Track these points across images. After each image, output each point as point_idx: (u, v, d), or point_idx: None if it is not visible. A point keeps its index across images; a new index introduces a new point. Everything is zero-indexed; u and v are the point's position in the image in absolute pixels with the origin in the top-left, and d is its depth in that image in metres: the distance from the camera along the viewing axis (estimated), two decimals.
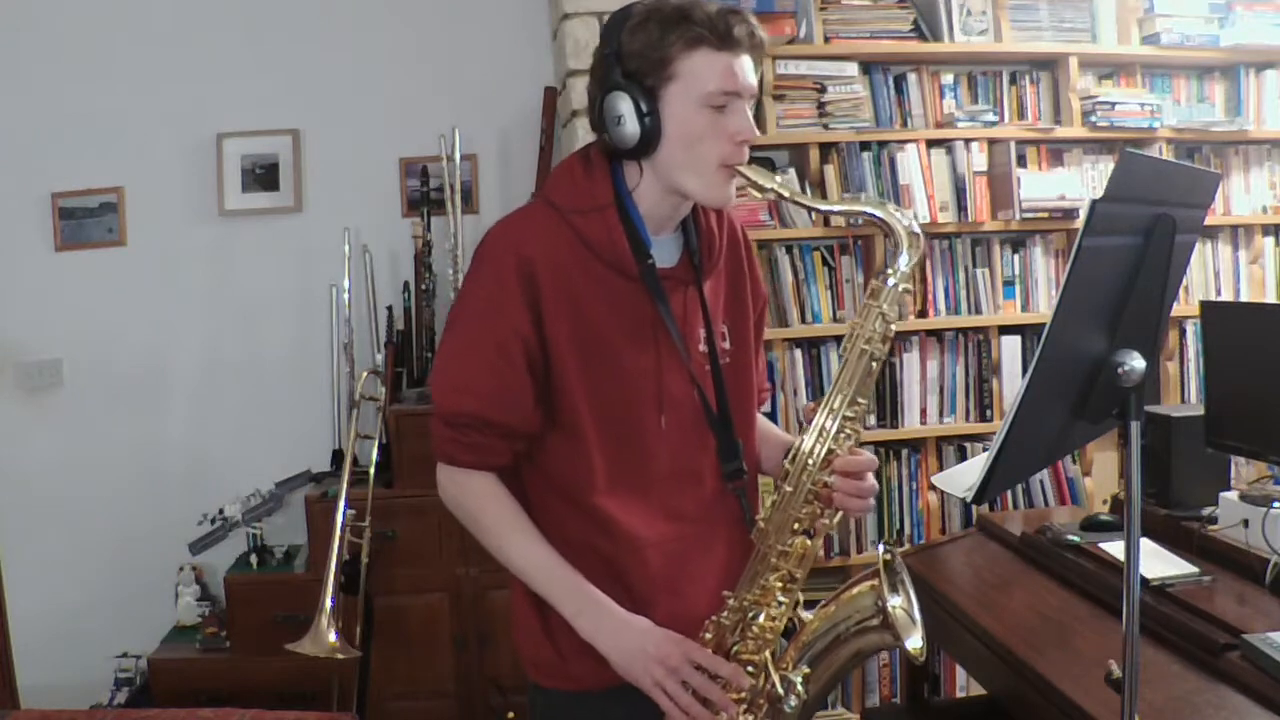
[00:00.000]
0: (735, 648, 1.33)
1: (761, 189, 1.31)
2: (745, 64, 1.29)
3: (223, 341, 3.22)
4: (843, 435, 1.33)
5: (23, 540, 3.00)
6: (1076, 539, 2.17)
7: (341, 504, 2.60)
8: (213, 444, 3.21)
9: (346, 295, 3.13)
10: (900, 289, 1.32)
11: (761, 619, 1.32)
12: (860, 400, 1.33)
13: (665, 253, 1.38)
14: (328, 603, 2.46)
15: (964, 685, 3.09)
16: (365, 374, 2.88)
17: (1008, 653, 1.86)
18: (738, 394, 1.44)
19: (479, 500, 1.36)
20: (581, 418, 1.33)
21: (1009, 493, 3.13)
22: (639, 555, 1.35)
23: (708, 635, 1.33)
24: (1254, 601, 1.83)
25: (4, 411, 3.13)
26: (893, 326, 1.32)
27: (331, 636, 2.44)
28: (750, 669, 1.31)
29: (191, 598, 3.06)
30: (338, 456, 3.13)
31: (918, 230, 1.31)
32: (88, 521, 3.15)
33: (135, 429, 3.18)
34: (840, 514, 1.34)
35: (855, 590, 1.33)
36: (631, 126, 1.29)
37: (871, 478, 1.34)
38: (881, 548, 1.34)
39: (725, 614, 1.33)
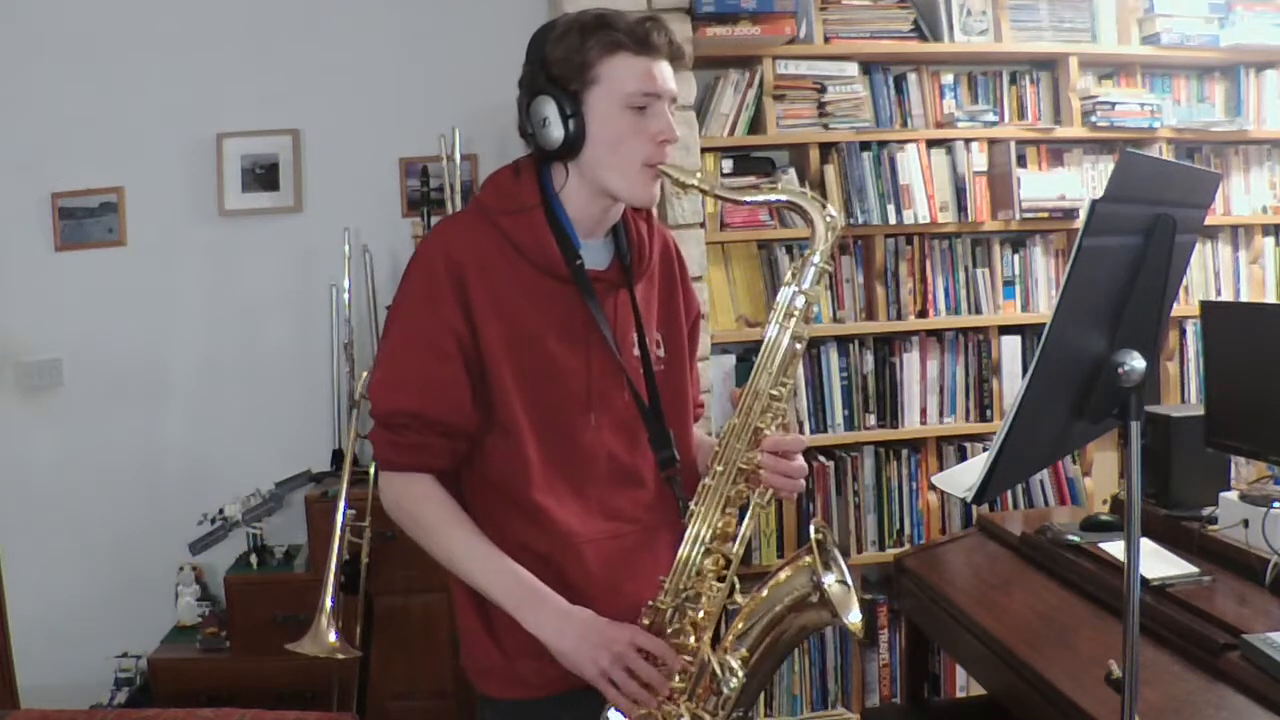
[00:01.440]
0: (674, 632, 1.33)
1: (684, 186, 1.37)
2: (664, 68, 1.36)
3: (223, 341, 3.22)
4: (769, 415, 1.35)
5: (23, 540, 3.00)
6: (1076, 539, 2.17)
7: (341, 504, 2.59)
8: (213, 444, 3.21)
9: (346, 295, 3.13)
10: (819, 269, 1.35)
11: (699, 603, 1.33)
12: (785, 380, 1.35)
13: (595, 256, 1.42)
14: (328, 603, 2.46)
15: (964, 685, 3.09)
16: (365, 374, 2.87)
17: (1008, 653, 1.86)
18: (673, 401, 1.47)
19: (418, 502, 1.37)
20: (515, 415, 1.35)
21: (1009, 493, 3.13)
22: (576, 552, 1.37)
23: (645, 621, 1.33)
24: (1254, 601, 1.84)
25: (4, 411, 3.13)
26: (814, 306, 1.36)
27: (331, 636, 2.44)
28: (689, 658, 1.32)
29: (191, 598, 3.06)
30: (338, 456, 3.13)
31: (834, 214, 1.36)
32: (88, 522, 3.15)
33: (135, 429, 3.18)
34: (770, 493, 1.36)
35: (788, 571, 1.35)
36: (556, 129, 1.35)
37: (801, 459, 1.37)
38: (812, 528, 1.35)
39: (662, 597, 1.33)
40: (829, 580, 1.31)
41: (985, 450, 1.56)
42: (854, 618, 1.31)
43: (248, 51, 3.17)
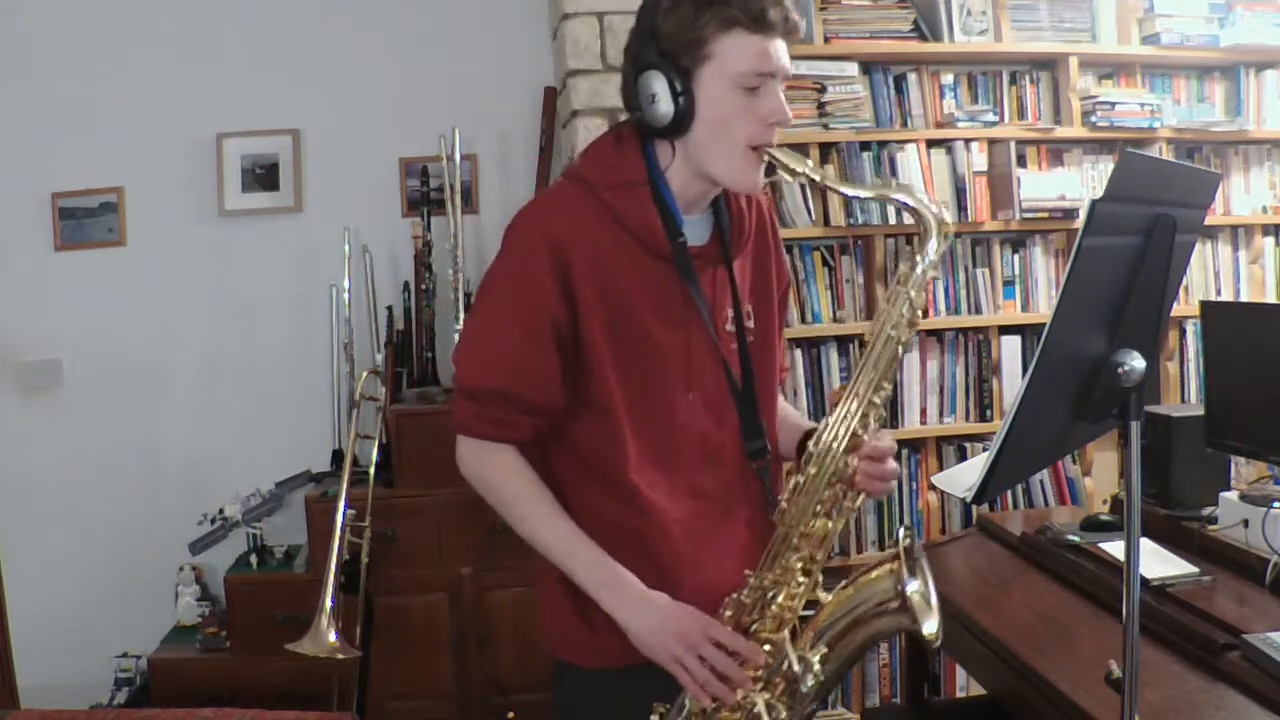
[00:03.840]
0: (754, 626, 1.33)
1: (793, 172, 1.32)
2: (779, 46, 1.31)
3: (223, 341, 3.22)
4: (867, 419, 1.33)
5: (23, 540, 3.00)
6: (1076, 539, 2.17)
7: (341, 504, 2.59)
8: (213, 444, 3.21)
9: (346, 295, 3.13)
10: (928, 276, 1.32)
11: (781, 598, 1.33)
12: (885, 385, 1.33)
13: (696, 232, 1.39)
14: (328, 603, 2.46)
15: (964, 685, 3.09)
16: (365, 374, 2.88)
17: (1008, 653, 1.86)
18: (761, 372, 1.45)
19: (501, 473, 1.36)
20: (612, 395, 1.34)
21: (1009, 493, 3.13)
22: (666, 531, 1.36)
23: (728, 613, 1.33)
24: (1254, 601, 1.83)
25: (4, 411, 3.13)
26: (919, 312, 1.33)
27: (331, 636, 2.44)
28: (768, 648, 1.32)
29: (191, 598, 3.06)
30: (338, 456, 3.13)
31: (947, 218, 1.32)
32: (88, 522, 3.14)
33: (135, 429, 3.18)
34: (862, 496, 1.35)
35: (874, 573, 1.34)
36: (665, 105, 1.30)
37: (893, 462, 1.36)
38: (901, 532, 1.34)
39: (745, 592, 1.33)
40: (913, 587, 1.29)
41: (985, 450, 1.56)
42: (930, 628, 1.30)
43: (248, 51, 3.16)
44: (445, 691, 2.91)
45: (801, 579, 1.33)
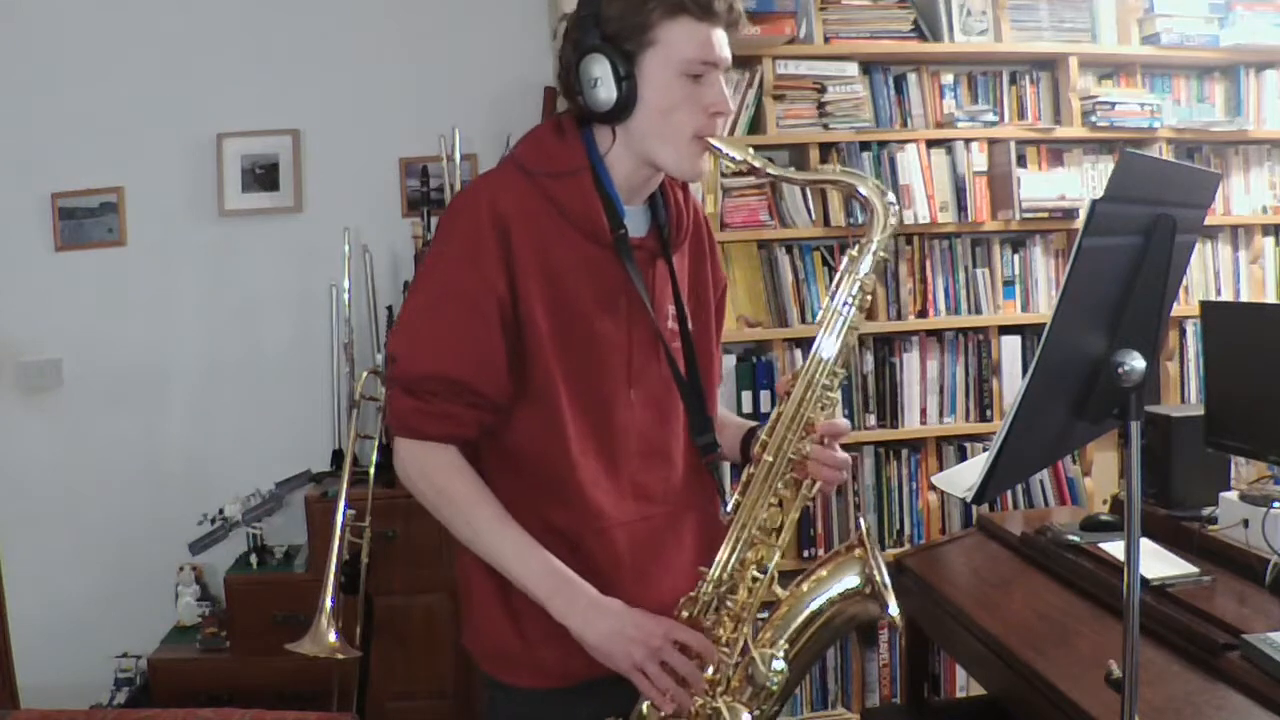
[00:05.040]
0: (711, 624, 1.30)
1: (734, 160, 1.32)
2: (722, 37, 1.30)
3: (223, 341, 3.22)
4: (820, 405, 1.31)
5: (23, 540, 3.00)
6: (1076, 539, 2.17)
7: (341, 504, 2.59)
8: (213, 444, 3.21)
9: (346, 295, 3.13)
10: (878, 257, 1.32)
11: (738, 595, 1.30)
12: (838, 370, 1.32)
13: (635, 223, 1.37)
14: (328, 603, 2.46)
15: (964, 685, 3.09)
16: (365, 374, 2.87)
17: (1008, 653, 1.86)
18: (702, 374, 1.43)
19: (445, 475, 1.29)
20: (554, 385, 1.30)
21: (1009, 493, 3.13)
22: (606, 535, 1.33)
23: (684, 613, 1.29)
24: (1254, 601, 1.83)
25: (4, 411, 3.13)
26: (869, 296, 1.32)
27: (331, 636, 2.44)
28: (725, 649, 1.28)
29: (191, 598, 3.06)
30: (338, 456, 3.13)
31: (893, 200, 1.32)
32: (87, 522, 3.15)
33: (135, 429, 3.18)
34: (817, 485, 1.32)
35: (834, 564, 1.33)
36: (607, 90, 1.28)
37: (843, 451, 1.33)
38: (861, 521, 1.34)
39: (701, 588, 1.29)
40: (878, 575, 1.29)
41: (985, 450, 1.56)
42: (893, 610, 1.30)
43: (248, 51, 3.17)
44: (445, 691, 2.91)
45: (757, 574, 1.31)
